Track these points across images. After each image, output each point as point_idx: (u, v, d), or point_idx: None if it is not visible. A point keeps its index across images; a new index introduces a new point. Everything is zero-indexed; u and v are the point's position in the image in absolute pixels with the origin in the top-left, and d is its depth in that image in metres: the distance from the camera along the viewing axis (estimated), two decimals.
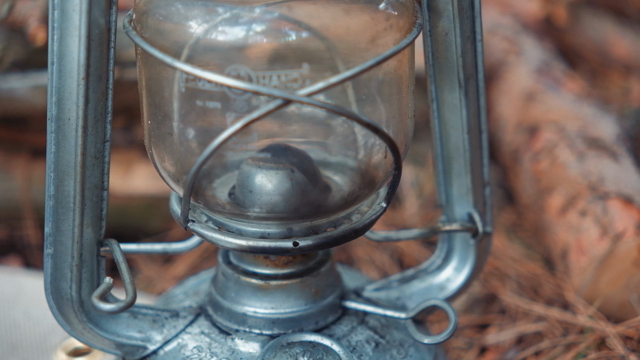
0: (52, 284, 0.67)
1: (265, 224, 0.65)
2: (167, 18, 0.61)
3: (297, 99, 0.58)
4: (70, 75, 0.62)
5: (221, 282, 0.71)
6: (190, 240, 0.77)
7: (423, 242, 1.08)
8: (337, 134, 0.65)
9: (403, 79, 0.65)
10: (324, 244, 0.65)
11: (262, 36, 0.59)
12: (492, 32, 1.29)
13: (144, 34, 0.62)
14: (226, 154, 0.65)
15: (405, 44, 0.62)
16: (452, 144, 0.72)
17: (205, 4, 0.60)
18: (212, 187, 0.67)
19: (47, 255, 0.66)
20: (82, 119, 0.63)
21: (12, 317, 0.92)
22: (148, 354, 0.70)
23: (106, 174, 0.66)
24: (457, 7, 0.67)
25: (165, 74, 0.62)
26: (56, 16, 0.61)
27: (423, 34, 0.68)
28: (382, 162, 0.65)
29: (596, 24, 1.45)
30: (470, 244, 0.75)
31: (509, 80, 1.21)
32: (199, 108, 0.61)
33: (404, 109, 0.66)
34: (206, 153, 0.59)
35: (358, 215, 0.68)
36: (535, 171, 1.06)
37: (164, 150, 0.65)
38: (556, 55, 1.28)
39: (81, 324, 0.69)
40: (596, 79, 1.40)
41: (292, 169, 0.64)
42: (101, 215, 0.67)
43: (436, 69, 0.69)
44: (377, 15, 0.62)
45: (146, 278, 1.05)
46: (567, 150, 1.04)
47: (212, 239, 0.66)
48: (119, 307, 0.63)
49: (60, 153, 0.64)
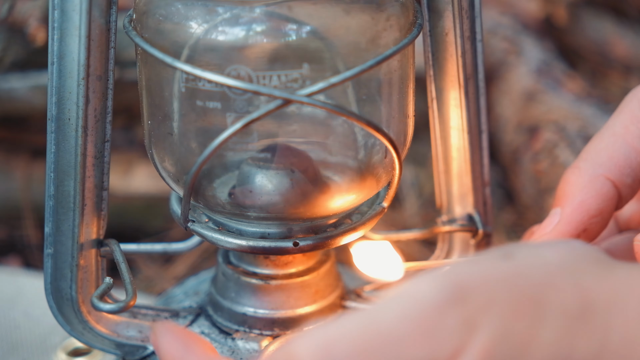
0: (52, 284, 0.67)
1: (265, 224, 0.65)
2: (167, 18, 0.61)
3: (297, 99, 0.58)
4: (71, 75, 0.62)
5: (221, 282, 0.71)
6: (191, 240, 0.77)
7: (423, 242, 1.08)
8: (337, 134, 0.65)
9: (403, 78, 0.65)
10: (324, 244, 0.65)
11: (262, 36, 0.59)
12: (492, 32, 1.29)
13: (144, 34, 0.62)
14: (226, 154, 0.65)
15: (406, 44, 0.62)
16: (452, 144, 0.72)
17: (205, 4, 0.60)
18: (212, 187, 0.66)
19: (47, 255, 0.66)
20: (82, 119, 0.63)
21: (12, 317, 0.92)
22: (148, 354, 0.70)
23: (106, 174, 0.66)
24: (458, 7, 0.67)
25: (165, 74, 0.62)
26: (56, 16, 0.61)
27: (423, 33, 0.68)
28: (382, 162, 0.65)
29: (596, 24, 1.45)
30: (470, 244, 0.75)
31: (509, 80, 1.21)
32: (199, 108, 0.61)
33: (404, 109, 0.66)
34: (206, 153, 0.59)
35: (358, 215, 0.68)
36: (535, 171, 1.06)
37: (164, 150, 0.65)
38: (556, 55, 1.28)
39: (81, 324, 0.68)
40: (596, 79, 1.40)
41: (292, 169, 0.64)
42: (101, 216, 0.67)
43: (436, 69, 0.69)
44: (378, 15, 0.62)
45: (146, 278, 1.05)
46: (567, 150, 1.04)
47: (212, 239, 0.66)
48: (119, 307, 0.63)
49: (60, 153, 0.64)
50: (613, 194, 0.65)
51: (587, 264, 0.50)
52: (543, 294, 0.48)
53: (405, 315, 0.47)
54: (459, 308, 0.47)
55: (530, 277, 0.49)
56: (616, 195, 0.66)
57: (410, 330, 0.46)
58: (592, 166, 0.66)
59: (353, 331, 0.47)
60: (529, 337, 0.47)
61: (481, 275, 0.48)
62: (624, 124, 0.66)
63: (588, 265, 0.50)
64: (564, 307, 0.48)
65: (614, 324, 0.48)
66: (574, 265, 0.50)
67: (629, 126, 0.66)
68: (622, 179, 0.65)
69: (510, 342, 0.47)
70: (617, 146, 0.66)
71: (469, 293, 0.47)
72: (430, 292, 0.47)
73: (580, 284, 0.49)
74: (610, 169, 0.65)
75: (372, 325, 0.47)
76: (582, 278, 0.49)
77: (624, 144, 0.65)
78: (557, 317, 0.48)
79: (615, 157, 0.65)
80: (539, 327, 0.47)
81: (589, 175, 0.65)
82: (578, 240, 0.56)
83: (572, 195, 0.65)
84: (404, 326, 0.46)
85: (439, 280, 0.47)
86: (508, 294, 0.47)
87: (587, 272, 0.49)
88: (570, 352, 0.47)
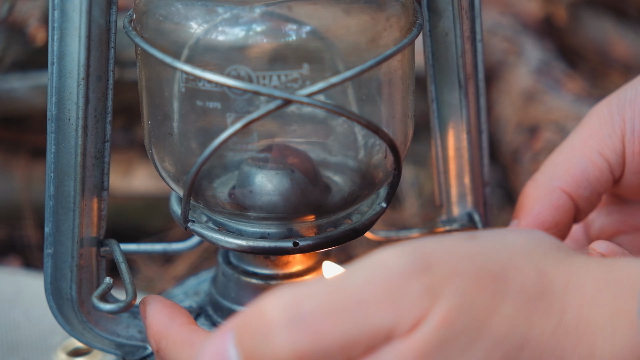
0: (52, 284, 0.67)
1: (265, 224, 0.65)
2: (167, 18, 0.61)
3: (297, 99, 0.58)
4: (71, 75, 0.62)
5: (221, 282, 0.71)
6: (191, 240, 0.77)
7: None
8: (337, 134, 0.65)
9: (403, 79, 0.65)
10: (323, 244, 0.65)
11: (262, 36, 0.59)
12: (492, 32, 1.29)
13: (144, 34, 0.62)
14: (226, 154, 0.65)
15: (406, 44, 0.62)
16: (452, 144, 0.72)
17: (205, 4, 0.60)
18: (212, 187, 0.66)
19: (47, 255, 0.66)
20: (82, 119, 0.63)
21: (12, 317, 0.92)
22: (148, 354, 0.70)
23: (106, 174, 0.66)
24: (457, 7, 0.67)
25: (166, 74, 0.62)
26: (56, 16, 0.61)
27: (423, 34, 0.68)
28: (382, 162, 0.65)
29: (596, 24, 1.45)
30: None
31: (509, 80, 1.21)
32: (199, 108, 0.61)
33: (404, 109, 0.66)
34: (206, 153, 0.59)
35: (358, 215, 0.68)
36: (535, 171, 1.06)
37: (164, 151, 0.65)
38: (556, 55, 1.28)
39: (81, 324, 0.68)
40: (596, 79, 1.40)
41: (292, 169, 0.64)
42: (101, 216, 0.67)
43: (436, 69, 0.69)
44: (377, 15, 0.62)
45: (146, 278, 1.06)
46: None
47: (212, 239, 0.66)
48: (119, 307, 0.63)
49: (60, 153, 0.64)
50: (569, 206, 0.67)
51: (547, 249, 0.52)
52: (504, 272, 0.50)
53: (372, 279, 0.49)
54: (423, 276, 0.49)
55: (493, 255, 0.51)
56: (572, 208, 0.67)
57: (376, 293, 0.48)
58: (549, 179, 0.68)
59: (321, 291, 0.49)
60: (489, 310, 0.49)
61: (446, 250, 0.50)
62: (583, 138, 0.68)
63: (549, 250, 0.52)
64: (524, 286, 0.50)
65: (570, 305, 0.50)
66: (535, 250, 0.52)
67: (587, 140, 0.68)
68: (579, 191, 0.67)
69: (470, 313, 0.48)
70: (575, 160, 0.67)
71: (433, 263, 0.49)
72: (396, 260, 0.49)
73: (541, 267, 0.51)
74: (566, 182, 0.67)
75: (340, 286, 0.49)
76: (542, 261, 0.51)
77: (581, 158, 0.67)
78: (516, 295, 0.49)
79: (572, 170, 0.67)
80: (498, 302, 0.49)
81: (546, 187, 0.68)
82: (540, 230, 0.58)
83: (529, 207, 0.67)
84: (370, 289, 0.48)
85: (405, 250, 0.50)
86: (471, 268, 0.49)
87: (548, 257, 0.52)
88: (527, 329, 0.49)
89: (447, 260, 0.50)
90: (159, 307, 0.62)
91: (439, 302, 0.48)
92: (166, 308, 0.62)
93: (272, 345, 0.48)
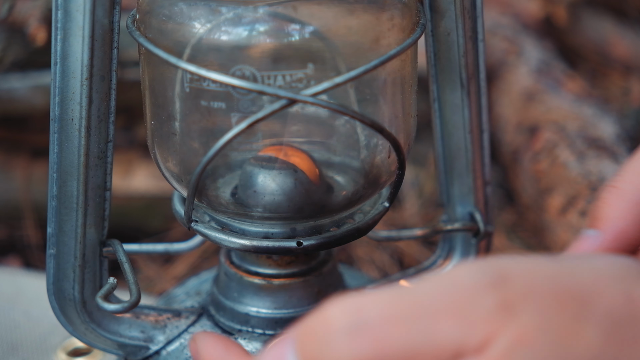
0: (54, 285, 0.67)
1: (269, 224, 0.65)
2: (170, 18, 0.61)
3: (302, 99, 0.58)
4: (74, 75, 0.62)
5: (223, 282, 0.71)
6: (192, 240, 0.77)
7: (423, 242, 1.08)
8: (341, 134, 0.65)
9: (406, 78, 0.65)
10: (327, 244, 0.65)
11: (265, 36, 0.59)
12: (492, 32, 1.29)
13: (148, 34, 0.62)
14: (230, 154, 0.65)
15: (409, 44, 0.62)
16: (454, 144, 0.72)
17: (208, 4, 0.60)
18: (215, 187, 0.66)
19: (50, 255, 0.66)
20: (85, 119, 0.63)
21: (12, 317, 0.92)
22: (150, 354, 0.70)
23: (109, 174, 0.66)
24: (460, 7, 0.67)
25: (169, 74, 0.62)
26: (60, 16, 0.61)
27: (425, 34, 0.68)
28: (385, 161, 0.65)
29: (596, 24, 1.45)
30: (471, 244, 0.75)
31: (509, 80, 1.21)
32: (203, 108, 0.61)
33: (406, 108, 0.66)
34: (211, 153, 0.59)
35: (361, 215, 0.68)
36: (535, 171, 1.06)
37: (167, 151, 0.65)
38: (556, 55, 1.28)
39: (83, 324, 0.68)
40: (596, 79, 1.41)
41: (295, 169, 0.64)
42: (104, 216, 0.67)
43: (438, 69, 0.69)
44: (381, 16, 0.62)
45: (146, 278, 1.05)
46: (567, 151, 1.04)
47: (216, 239, 0.66)
48: (124, 307, 0.63)
49: (63, 153, 0.64)
50: None
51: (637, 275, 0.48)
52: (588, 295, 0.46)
53: (441, 291, 0.46)
54: (497, 291, 0.45)
55: (575, 277, 0.47)
56: None
57: (444, 305, 0.45)
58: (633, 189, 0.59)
59: (386, 299, 0.46)
60: (572, 333, 0.45)
61: (524, 267, 0.47)
62: None
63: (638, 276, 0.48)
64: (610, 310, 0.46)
65: None
66: (623, 275, 0.48)
67: None
68: None
69: (550, 334, 0.45)
70: None
71: (509, 279, 0.46)
72: (469, 274, 0.46)
73: (630, 293, 0.47)
74: None
75: (406, 296, 0.46)
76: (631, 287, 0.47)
77: None
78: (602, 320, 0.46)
79: None
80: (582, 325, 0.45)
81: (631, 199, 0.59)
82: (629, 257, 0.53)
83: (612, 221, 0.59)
84: (438, 300, 0.45)
85: (479, 265, 0.46)
86: (550, 287, 0.46)
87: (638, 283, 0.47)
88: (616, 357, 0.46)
89: (524, 277, 0.46)
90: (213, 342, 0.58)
91: (513, 319, 0.45)
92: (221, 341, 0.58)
93: (333, 351, 0.46)
